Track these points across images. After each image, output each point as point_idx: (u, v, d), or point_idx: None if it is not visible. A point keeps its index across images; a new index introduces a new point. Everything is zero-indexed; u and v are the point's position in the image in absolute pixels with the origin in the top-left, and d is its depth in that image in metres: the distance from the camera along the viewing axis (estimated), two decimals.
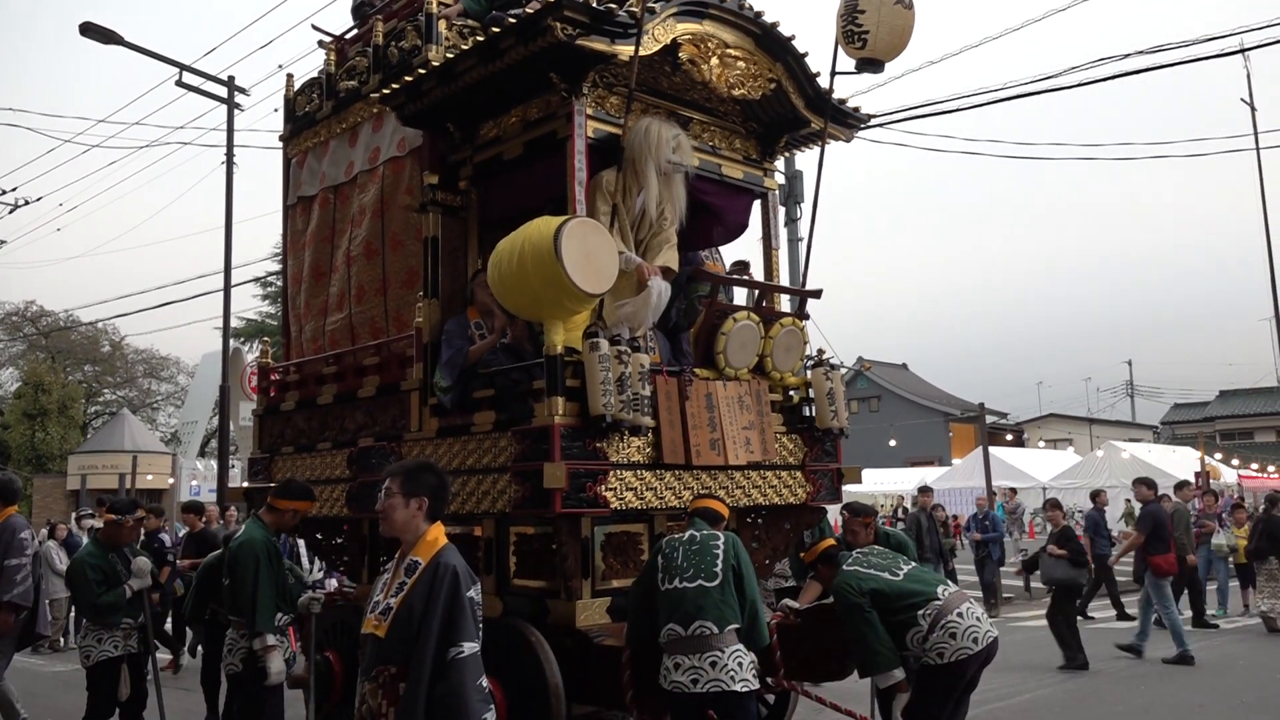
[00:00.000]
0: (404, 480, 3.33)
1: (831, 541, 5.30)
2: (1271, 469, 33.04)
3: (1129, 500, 28.79)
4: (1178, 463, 29.73)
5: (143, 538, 8.54)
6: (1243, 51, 14.19)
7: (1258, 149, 23.07)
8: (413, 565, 3.27)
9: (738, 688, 4.16)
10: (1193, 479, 25.13)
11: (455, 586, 3.17)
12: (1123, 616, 12.77)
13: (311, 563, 11.74)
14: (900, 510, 16.85)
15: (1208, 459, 26.34)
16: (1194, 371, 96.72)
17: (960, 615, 4.54)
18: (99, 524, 12.60)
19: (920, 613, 4.51)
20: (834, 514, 6.76)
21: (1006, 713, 7.36)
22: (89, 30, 14.79)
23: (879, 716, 4.93)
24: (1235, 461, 32.58)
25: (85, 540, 9.88)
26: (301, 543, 11.99)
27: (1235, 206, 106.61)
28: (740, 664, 4.20)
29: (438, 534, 3.34)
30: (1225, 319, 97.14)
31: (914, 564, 4.96)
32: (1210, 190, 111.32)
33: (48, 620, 6.11)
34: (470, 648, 3.14)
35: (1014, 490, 26.28)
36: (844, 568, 4.76)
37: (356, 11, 7.19)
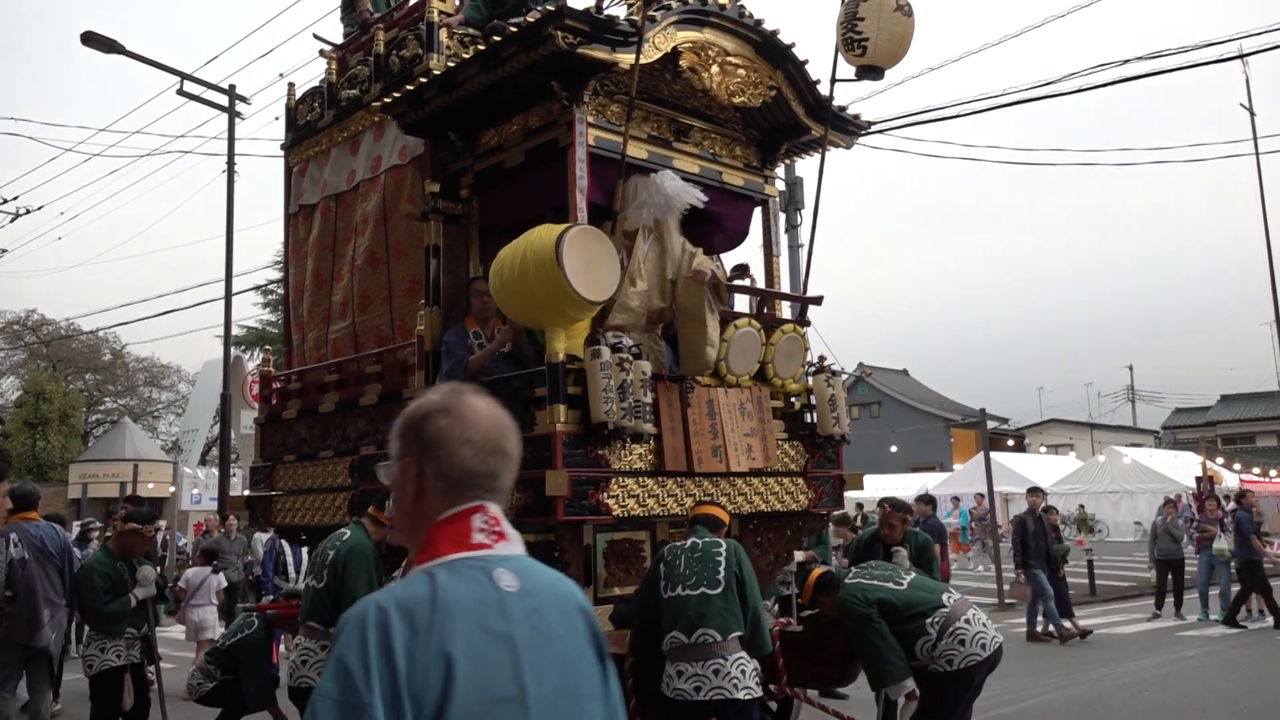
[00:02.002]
0: None
1: (820, 571, 5.23)
2: (1274, 473, 32.98)
3: (1082, 506, 28.85)
4: (1179, 467, 29.71)
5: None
6: (1241, 57, 14.23)
7: (1257, 154, 23.10)
8: None
9: (741, 695, 4.15)
10: (1194, 484, 25.17)
11: None
12: None
13: (298, 570, 11.71)
14: (860, 518, 15.73)
15: (1209, 464, 26.26)
16: (1195, 376, 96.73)
17: (968, 622, 4.53)
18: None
19: (928, 621, 4.50)
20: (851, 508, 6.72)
21: (1011, 719, 7.34)
22: (90, 39, 14.83)
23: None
24: (1237, 466, 32.48)
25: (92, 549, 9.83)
26: (288, 548, 11.97)
27: (1235, 211, 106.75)
28: (743, 671, 4.20)
29: None
30: (1226, 323, 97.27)
31: (914, 573, 4.95)
32: (1210, 195, 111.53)
33: (42, 630, 5.92)
34: None
35: (981, 496, 25.76)
36: (846, 582, 4.75)
37: (346, 9, 7.16)
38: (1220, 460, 32.54)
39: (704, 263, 5.32)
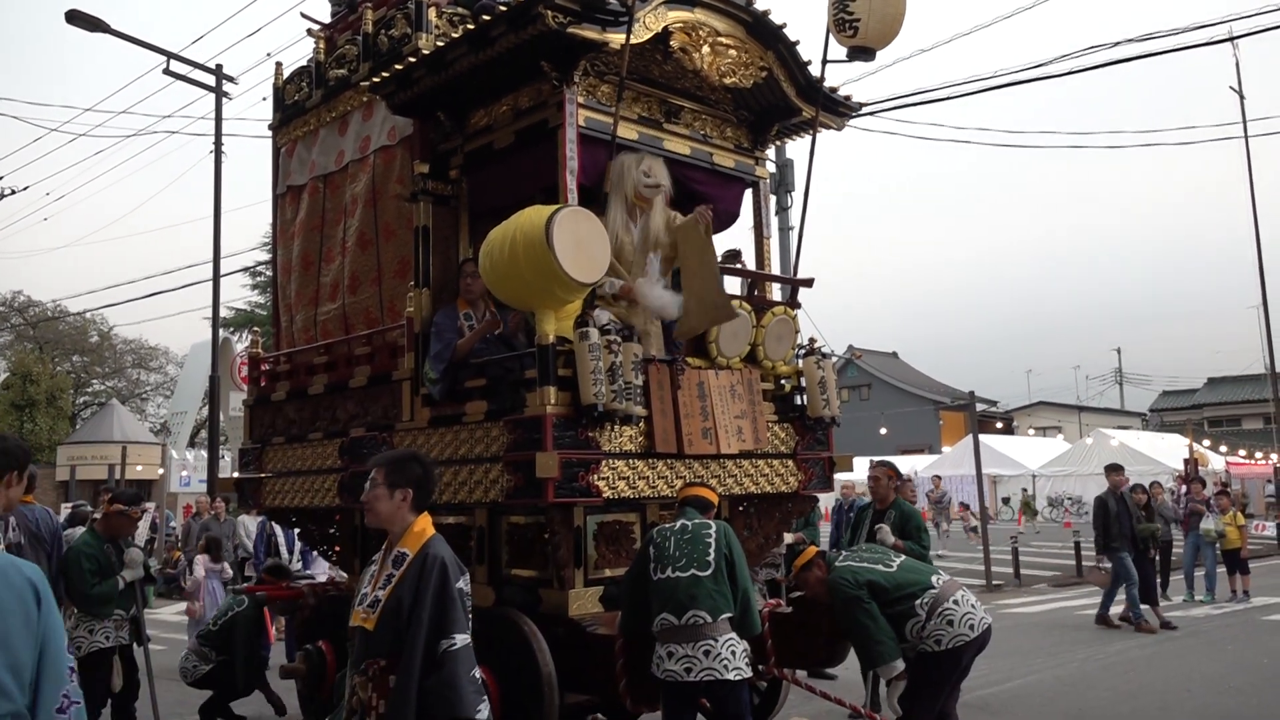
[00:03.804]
0: (388, 471, 3.32)
1: (815, 550, 5.20)
2: (1259, 455, 33.21)
3: (1025, 489, 29.09)
4: (1166, 450, 29.90)
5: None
6: (1232, 39, 14.18)
7: (1246, 137, 23.09)
8: (400, 557, 3.25)
9: (731, 676, 4.17)
10: (1182, 466, 25.34)
11: (444, 578, 3.16)
12: None
13: (290, 552, 11.64)
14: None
15: (1196, 446, 26.43)
16: (1182, 359, 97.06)
17: (956, 603, 4.56)
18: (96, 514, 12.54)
19: (917, 602, 4.52)
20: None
21: (997, 699, 7.40)
22: (75, 18, 14.65)
23: (882, 705, 4.93)
24: (1223, 448, 32.72)
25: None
26: (279, 531, 11.91)
27: (1224, 194, 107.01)
28: (734, 652, 4.21)
29: (425, 525, 3.32)
30: (1213, 306, 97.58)
31: (903, 556, 4.97)
32: (1199, 178, 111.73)
33: None
34: (462, 639, 3.14)
35: (939, 478, 25.66)
36: (837, 564, 4.76)
37: None
38: (1207, 443, 32.75)
39: (700, 213, 5.23)
